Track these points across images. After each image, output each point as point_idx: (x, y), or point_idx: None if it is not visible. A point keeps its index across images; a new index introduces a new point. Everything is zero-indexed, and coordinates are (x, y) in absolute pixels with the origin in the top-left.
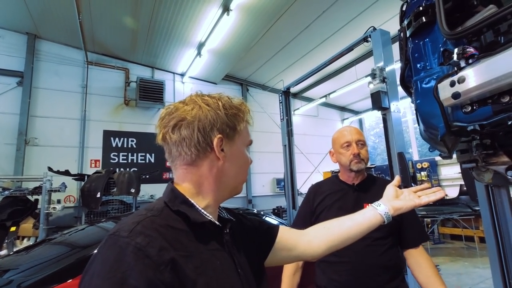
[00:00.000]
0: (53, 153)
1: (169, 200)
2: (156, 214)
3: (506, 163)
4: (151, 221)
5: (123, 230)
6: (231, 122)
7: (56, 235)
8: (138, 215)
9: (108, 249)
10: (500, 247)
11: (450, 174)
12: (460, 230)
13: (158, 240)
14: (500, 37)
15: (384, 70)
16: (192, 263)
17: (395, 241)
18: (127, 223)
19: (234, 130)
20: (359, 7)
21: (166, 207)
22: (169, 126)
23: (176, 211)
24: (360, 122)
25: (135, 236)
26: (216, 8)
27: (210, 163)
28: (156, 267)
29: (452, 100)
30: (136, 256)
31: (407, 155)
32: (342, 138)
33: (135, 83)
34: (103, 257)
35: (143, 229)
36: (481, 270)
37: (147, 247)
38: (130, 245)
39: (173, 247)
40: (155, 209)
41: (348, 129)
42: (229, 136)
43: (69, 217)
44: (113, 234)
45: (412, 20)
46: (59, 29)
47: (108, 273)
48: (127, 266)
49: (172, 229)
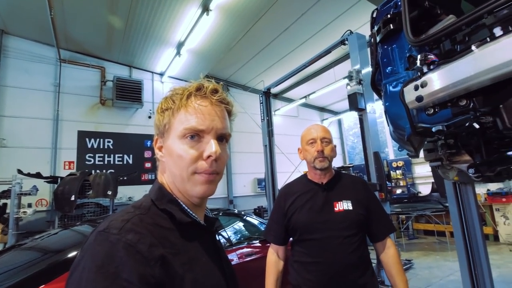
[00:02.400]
0: (23, 154)
1: (156, 199)
2: (144, 212)
3: (467, 161)
4: (140, 219)
5: (113, 228)
6: (159, 121)
7: (26, 241)
8: (126, 212)
9: (99, 245)
10: (466, 240)
11: (423, 173)
12: (433, 226)
13: (148, 237)
14: (456, 45)
15: (360, 72)
16: (179, 260)
17: (364, 237)
18: (117, 220)
19: (164, 126)
20: (336, 11)
21: (153, 205)
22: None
23: (162, 209)
24: (339, 123)
25: (125, 233)
26: (195, 7)
27: (163, 164)
28: (147, 263)
29: (416, 103)
30: (127, 252)
31: (382, 154)
32: (308, 135)
33: (112, 82)
34: (94, 252)
35: (133, 226)
36: (451, 263)
37: (138, 243)
38: (121, 241)
39: (162, 244)
40: (142, 207)
41: (315, 127)
42: (162, 133)
43: (41, 221)
44: (103, 231)
45: (381, 27)
46: (29, 25)
47: (101, 268)
48: (119, 261)
49: (159, 227)
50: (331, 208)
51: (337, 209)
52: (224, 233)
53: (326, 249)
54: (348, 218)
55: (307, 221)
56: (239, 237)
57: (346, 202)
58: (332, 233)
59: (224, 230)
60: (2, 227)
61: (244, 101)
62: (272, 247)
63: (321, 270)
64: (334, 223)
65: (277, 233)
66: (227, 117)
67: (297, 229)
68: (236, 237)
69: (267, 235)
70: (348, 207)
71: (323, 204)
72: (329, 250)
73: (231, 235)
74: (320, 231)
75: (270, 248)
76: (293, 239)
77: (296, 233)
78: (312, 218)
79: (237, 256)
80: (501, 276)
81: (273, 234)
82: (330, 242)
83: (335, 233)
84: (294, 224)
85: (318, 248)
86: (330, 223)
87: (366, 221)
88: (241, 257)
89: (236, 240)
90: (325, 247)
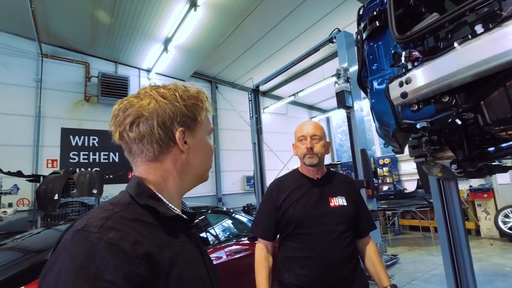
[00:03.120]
0: (2, 152)
1: (135, 194)
2: (123, 209)
3: (450, 157)
4: (120, 216)
5: (92, 226)
6: (191, 113)
7: (7, 241)
8: (105, 209)
9: (77, 245)
10: (449, 234)
11: (409, 170)
12: (418, 222)
13: (131, 234)
14: (439, 42)
15: (348, 70)
16: (165, 255)
17: (354, 233)
18: (96, 218)
19: (195, 120)
20: (324, 9)
21: (132, 201)
22: (125, 124)
23: (144, 205)
24: (328, 120)
25: (106, 231)
26: (183, 3)
27: (174, 157)
28: (131, 261)
29: (401, 99)
30: (110, 251)
31: (369, 151)
32: (300, 131)
33: (97, 78)
34: (72, 253)
35: (114, 224)
36: (435, 258)
37: (121, 241)
38: (102, 240)
39: (147, 239)
40: (121, 203)
41: (307, 123)
42: (191, 127)
43: (22, 221)
44: (81, 229)
45: (367, 24)
46: (8, 18)
47: (80, 270)
48: (101, 261)
49: (142, 223)
50: (326, 203)
51: (332, 204)
52: (212, 230)
53: (322, 243)
54: (343, 214)
55: (303, 215)
56: (228, 234)
57: (340, 198)
58: (328, 227)
59: (212, 227)
60: None
61: (232, 99)
62: (260, 242)
63: (315, 264)
64: (330, 218)
65: (268, 228)
66: None
67: (291, 223)
68: (225, 234)
69: (256, 230)
70: (343, 203)
71: (318, 198)
72: (325, 244)
73: (220, 232)
74: (317, 225)
75: (259, 244)
76: (284, 234)
77: (289, 228)
78: (308, 212)
79: (226, 254)
80: (482, 269)
81: (263, 229)
82: (326, 237)
83: (331, 227)
84: (289, 218)
85: (314, 242)
86: (327, 218)
87: (356, 217)
88: (230, 254)
89: (224, 238)
90: (321, 241)
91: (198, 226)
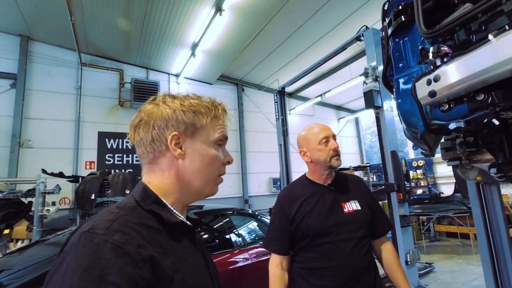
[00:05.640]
0: (47, 155)
1: (141, 199)
2: (128, 213)
3: (489, 160)
4: (126, 219)
5: (99, 228)
6: (188, 118)
7: (49, 237)
8: (111, 212)
9: (83, 246)
10: (491, 244)
11: (445, 172)
12: (456, 228)
13: (136, 237)
14: (472, 35)
15: (376, 69)
16: (168, 260)
17: (370, 237)
18: (102, 221)
19: (193, 126)
20: (351, 7)
21: (138, 206)
22: (132, 126)
23: (148, 210)
24: (356, 121)
25: (112, 233)
26: (208, 8)
27: (169, 162)
28: (135, 264)
29: (429, 99)
30: (115, 253)
31: (401, 153)
32: (320, 133)
33: (130, 84)
34: (78, 254)
35: (120, 226)
36: (475, 267)
37: (125, 244)
38: (108, 242)
39: (150, 244)
40: (127, 207)
41: (319, 125)
42: (188, 132)
43: (63, 219)
44: (88, 231)
45: (392, 19)
46: (52, 31)
47: (86, 271)
48: (105, 263)
49: (147, 227)
50: (340, 210)
51: (346, 210)
52: (237, 232)
53: (341, 252)
54: (358, 219)
55: (319, 225)
56: (254, 237)
57: (354, 202)
58: (346, 235)
59: (237, 229)
60: (27, 224)
61: (258, 101)
62: (274, 258)
63: (335, 275)
64: (346, 225)
65: (281, 242)
66: None
67: (307, 235)
68: (250, 237)
69: (269, 245)
70: (357, 207)
71: (331, 206)
72: (344, 253)
73: (245, 234)
74: (334, 234)
75: (273, 260)
76: (299, 245)
77: (306, 239)
78: (324, 222)
79: (250, 256)
80: None
81: (276, 244)
82: (344, 245)
83: (348, 235)
84: (304, 230)
85: (331, 252)
86: (343, 225)
87: (372, 220)
88: (255, 256)
89: (250, 240)
90: (340, 250)
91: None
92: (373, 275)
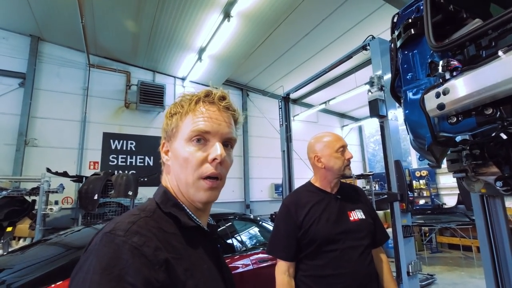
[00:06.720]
0: (52, 154)
1: (161, 202)
2: (148, 215)
3: (495, 173)
4: (145, 221)
5: (119, 229)
6: (167, 126)
7: (51, 236)
8: (132, 214)
9: (104, 246)
10: (494, 257)
11: (449, 183)
12: (458, 240)
13: (153, 240)
14: (481, 51)
15: (382, 78)
16: (182, 266)
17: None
18: (123, 223)
19: (172, 130)
20: (358, 16)
21: (158, 208)
22: None
23: (167, 213)
24: (360, 129)
25: (131, 235)
26: (217, 14)
27: (167, 167)
28: (151, 266)
29: (438, 111)
30: (132, 254)
31: (404, 163)
32: (337, 142)
33: (136, 86)
34: (100, 254)
35: (139, 229)
36: (478, 280)
37: (143, 246)
38: (127, 243)
39: (166, 248)
40: (147, 209)
41: (337, 135)
42: (169, 137)
43: (66, 218)
44: (109, 232)
45: (402, 32)
46: (62, 32)
47: (106, 270)
48: (124, 263)
49: (163, 232)
50: (346, 218)
51: (352, 219)
52: (239, 237)
53: (348, 260)
54: (364, 228)
55: (327, 232)
56: (255, 242)
57: (358, 211)
58: (352, 243)
59: (239, 234)
60: (30, 223)
61: (263, 106)
62: (281, 265)
63: (342, 282)
64: (352, 233)
65: (288, 248)
66: (233, 124)
67: (315, 241)
68: (252, 242)
69: (275, 250)
70: (362, 216)
71: (338, 213)
72: (351, 260)
73: (246, 240)
74: (342, 241)
75: (279, 267)
76: (306, 252)
77: (312, 246)
78: (332, 229)
79: (251, 262)
80: None
81: (283, 250)
82: (352, 253)
83: (354, 243)
84: (313, 236)
85: (340, 259)
86: (350, 233)
87: (374, 229)
88: (255, 262)
89: (251, 245)
90: (347, 258)
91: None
92: (376, 283)
